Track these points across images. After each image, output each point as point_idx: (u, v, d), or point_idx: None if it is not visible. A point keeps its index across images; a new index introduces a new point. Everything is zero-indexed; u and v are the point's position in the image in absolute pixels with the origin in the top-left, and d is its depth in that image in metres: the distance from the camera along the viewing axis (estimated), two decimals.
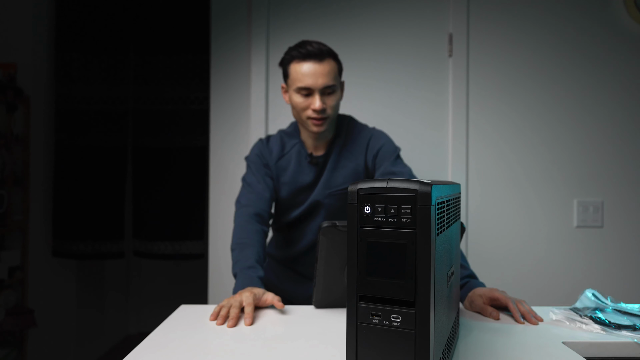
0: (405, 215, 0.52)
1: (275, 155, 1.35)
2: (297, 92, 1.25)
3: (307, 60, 1.22)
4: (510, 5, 1.90)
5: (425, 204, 0.51)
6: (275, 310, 1.01)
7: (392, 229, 0.53)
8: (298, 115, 1.28)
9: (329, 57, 1.24)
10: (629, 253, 1.88)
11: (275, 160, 1.35)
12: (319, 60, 1.22)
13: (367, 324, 0.54)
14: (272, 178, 1.34)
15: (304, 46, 1.23)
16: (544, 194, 1.89)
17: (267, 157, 1.35)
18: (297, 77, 1.23)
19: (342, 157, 1.33)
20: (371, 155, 1.32)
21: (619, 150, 1.89)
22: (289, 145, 1.36)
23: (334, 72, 1.24)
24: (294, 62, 1.24)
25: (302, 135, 1.36)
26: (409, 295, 0.52)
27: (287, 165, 1.35)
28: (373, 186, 0.54)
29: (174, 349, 0.76)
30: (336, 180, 1.32)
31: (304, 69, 1.22)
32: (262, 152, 1.36)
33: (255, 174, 1.32)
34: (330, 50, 1.25)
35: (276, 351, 0.76)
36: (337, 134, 1.35)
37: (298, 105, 1.26)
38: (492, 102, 1.90)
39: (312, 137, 1.32)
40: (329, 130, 1.33)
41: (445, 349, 0.62)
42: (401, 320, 0.52)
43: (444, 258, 0.59)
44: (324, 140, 1.34)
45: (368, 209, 0.54)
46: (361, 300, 0.55)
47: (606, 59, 1.90)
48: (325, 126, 1.27)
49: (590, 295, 1.02)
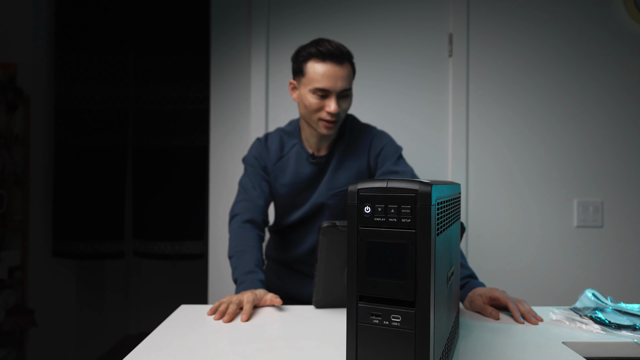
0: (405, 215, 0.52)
1: (273, 156, 1.32)
2: (313, 93, 1.20)
3: (327, 61, 1.17)
4: (510, 6, 1.90)
5: (426, 204, 0.51)
6: (275, 310, 1.01)
7: (392, 229, 0.53)
8: (309, 116, 1.24)
9: (348, 61, 1.21)
10: (629, 253, 1.88)
11: (274, 162, 1.32)
12: (339, 62, 1.18)
13: (367, 324, 0.54)
14: (268, 182, 1.32)
15: (323, 44, 1.18)
16: (544, 194, 1.89)
17: (265, 159, 1.32)
18: (315, 77, 1.18)
19: (345, 158, 1.31)
20: (374, 155, 1.31)
21: (619, 150, 1.89)
22: (288, 146, 1.33)
23: (351, 76, 1.22)
24: (311, 61, 1.19)
25: (303, 135, 1.32)
26: (409, 295, 0.52)
27: (286, 167, 1.32)
28: (373, 186, 0.54)
29: (174, 349, 0.76)
30: (339, 180, 1.30)
31: (323, 70, 1.17)
32: (260, 154, 1.33)
33: (251, 178, 1.30)
34: (349, 52, 1.22)
35: (276, 351, 0.76)
36: (341, 135, 1.33)
37: (312, 106, 1.21)
38: (492, 102, 1.90)
39: (316, 137, 1.29)
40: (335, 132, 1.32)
41: (445, 349, 0.62)
42: (401, 320, 0.52)
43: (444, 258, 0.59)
44: (328, 141, 1.32)
45: (368, 209, 0.54)
46: (361, 300, 0.55)
47: (606, 59, 1.90)
48: (335, 129, 1.24)
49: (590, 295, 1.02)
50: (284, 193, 1.32)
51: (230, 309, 0.93)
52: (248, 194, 1.28)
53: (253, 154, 1.33)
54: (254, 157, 1.33)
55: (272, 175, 1.32)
